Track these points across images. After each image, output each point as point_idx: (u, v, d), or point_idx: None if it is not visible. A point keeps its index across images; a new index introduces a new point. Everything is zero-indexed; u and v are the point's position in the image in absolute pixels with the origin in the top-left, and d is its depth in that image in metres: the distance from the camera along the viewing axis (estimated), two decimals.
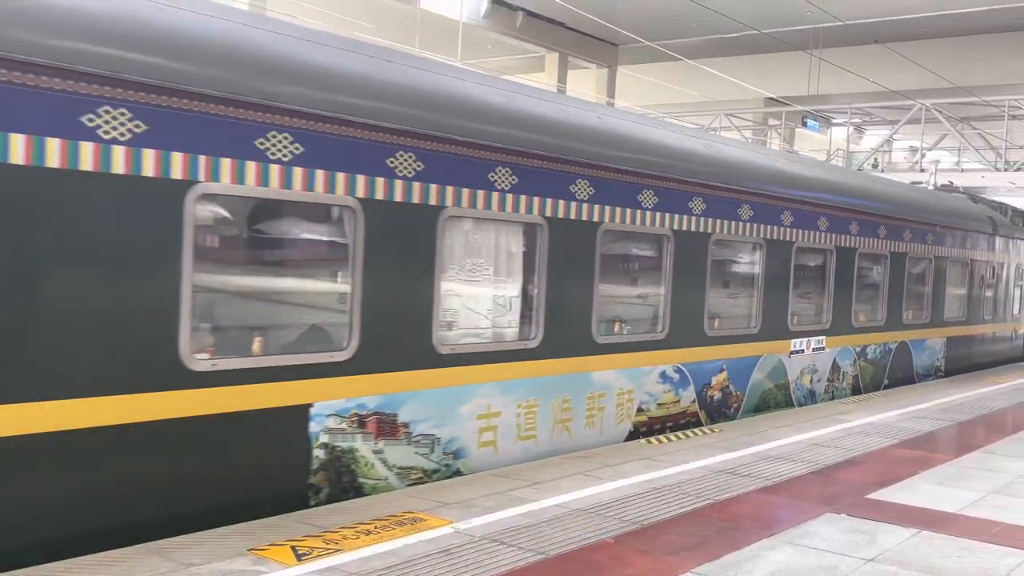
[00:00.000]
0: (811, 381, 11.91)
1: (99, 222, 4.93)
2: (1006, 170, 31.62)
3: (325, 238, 6.43)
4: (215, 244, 5.69)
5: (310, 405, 5.99)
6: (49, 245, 4.76)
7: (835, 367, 12.46)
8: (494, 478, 6.77)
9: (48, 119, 4.68)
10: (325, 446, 6.10)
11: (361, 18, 28.85)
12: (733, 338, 10.18)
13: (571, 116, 8.18)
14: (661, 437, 8.70)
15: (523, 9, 30.83)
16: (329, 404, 6.09)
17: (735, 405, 10.33)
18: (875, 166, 33.63)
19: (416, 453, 6.71)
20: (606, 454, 7.78)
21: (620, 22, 28.66)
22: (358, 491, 6.31)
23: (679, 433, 8.93)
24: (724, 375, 10.05)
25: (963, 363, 16.51)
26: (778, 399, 11.16)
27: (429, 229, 6.65)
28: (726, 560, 5.21)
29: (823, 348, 12.08)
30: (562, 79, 33.37)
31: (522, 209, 7.34)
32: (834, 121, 39.53)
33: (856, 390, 13.04)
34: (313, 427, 6.03)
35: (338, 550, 4.99)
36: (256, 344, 5.88)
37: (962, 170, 34.33)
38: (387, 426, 6.48)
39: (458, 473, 7.02)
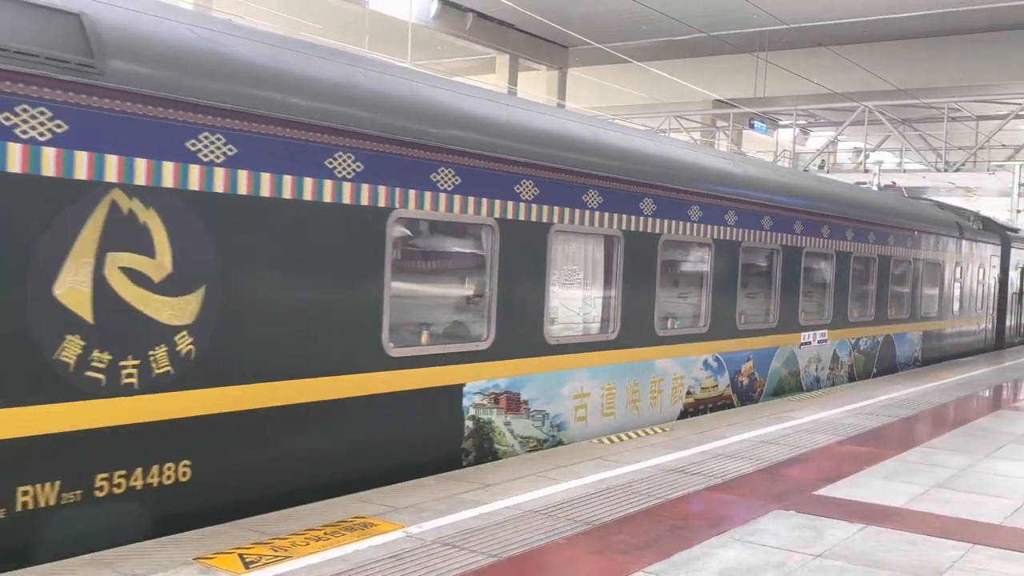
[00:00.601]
0: (816, 369, 13.55)
1: (336, 241, 6.33)
2: (946, 170, 32.35)
3: (471, 251, 7.80)
4: (400, 256, 7.04)
5: (463, 385, 7.44)
6: (308, 260, 6.17)
7: (835, 357, 14.11)
8: (446, 481, 6.74)
9: (306, 166, 6.09)
10: (473, 418, 7.54)
11: (308, 18, 28.60)
12: (757, 332, 11.79)
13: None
14: (612, 437, 8.74)
15: (473, 11, 30.82)
16: (475, 384, 7.55)
17: (759, 389, 11.93)
18: (821, 167, 34.21)
19: (532, 425, 8.17)
20: (558, 455, 7.79)
21: (570, 24, 28.78)
22: (494, 455, 7.73)
23: (631, 433, 8.98)
24: (751, 363, 11.66)
25: (937, 353, 18.30)
26: (791, 385, 12.77)
27: (542, 242, 8.13)
28: (677, 559, 5.24)
29: (826, 340, 13.74)
30: (513, 81, 33.42)
31: (606, 224, 8.87)
32: (780, 123, 40.14)
33: (851, 378, 14.67)
34: (465, 403, 7.47)
35: (287, 557, 4.93)
36: (424, 336, 7.34)
37: (904, 170, 35.07)
38: (513, 403, 7.96)
39: (560, 443, 8.47)
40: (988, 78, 33.32)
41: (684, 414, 10.29)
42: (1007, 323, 23.22)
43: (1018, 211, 31.28)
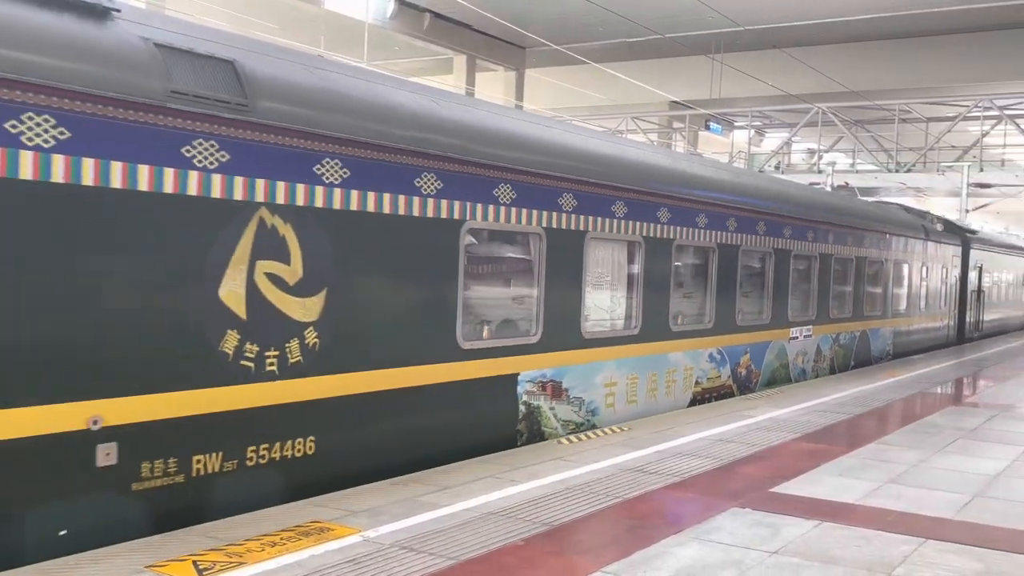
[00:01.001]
0: (803, 361, 14.74)
1: (422, 249, 7.38)
2: (897, 171, 32.91)
3: (523, 256, 8.82)
4: (468, 261, 7.91)
5: (518, 374, 8.45)
6: (402, 266, 7.21)
7: (819, 351, 15.34)
8: (404, 484, 6.70)
9: (400, 184, 7.11)
10: (525, 403, 8.56)
11: (264, 18, 28.32)
12: (753, 327, 12.92)
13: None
14: (572, 437, 8.75)
15: (430, 11, 30.73)
16: (527, 373, 8.56)
17: (755, 380, 13.03)
18: (776, 168, 34.59)
19: (571, 410, 9.22)
20: (515, 457, 7.78)
21: (527, 25, 28.82)
22: (541, 436, 8.72)
23: (590, 433, 9.00)
24: (748, 356, 12.79)
25: (906, 348, 19.63)
26: (782, 376, 13.93)
27: (579, 248, 9.14)
28: (635, 558, 5.26)
29: (811, 336, 14.96)
30: (470, 82, 33.39)
31: (630, 231, 9.91)
32: (736, 124, 40.56)
33: (832, 370, 15.77)
34: (519, 389, 8.48)
35: (241, 563, 4.86)
36: (485, 332, 8.37)
37: (856, 171, 35.59)
38: (557, 390, 8.97)
39: (594, 426, 9.47)
40: (937, 80, 33.97)
41: (693, 402, 11.37)
42: (967, 319, 24.63)
43: (967, 211, 31.93)
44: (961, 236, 24.35)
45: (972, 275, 24.96)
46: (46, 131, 4.97)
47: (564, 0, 27.84)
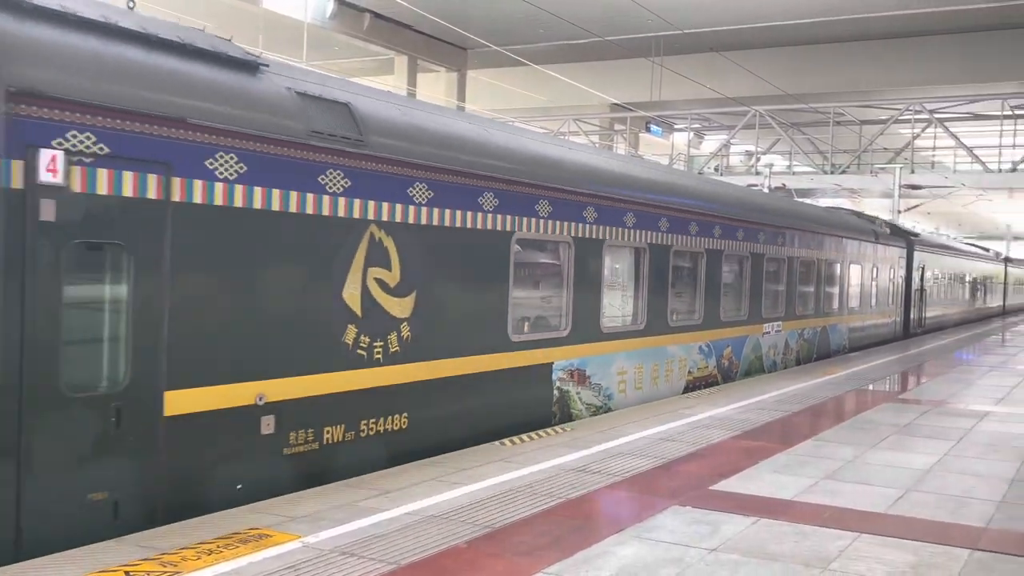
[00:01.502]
0: (774, 354, 16.28)
1: (483, 257, 8.77)
2: (832, 173, 33.58)
3: (555, 262, 10.17)
4: (515, 267, 9.17)
5: (552, 363, 9.81)
6: (469, 272, 8.60)
7: (787, 345, 16.87)
8: (345, 489, 6.63)
9: (468, 202, 8.48)
10: (558, 388, 9.95)
11: (201, 16, 27.83)
12: (734, 324, 14.43)
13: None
14: (515, 438, 8.75)
15: (370, 11, 30.52)
16: (559, 363, 9.95)
17: (735, 370, 14.57)
18: (716, 170, 35.05)
19: (592, 395, 10.58)
20: (458, 459, 7.75)
21: (468, 26, 28.78)
22: (569, 417, 10.08)
23: (532, 434, 9.01)
24: (729, 349, 14.34)
25: (860, 342, 21.26)
26: (756, 367, 15.47)
27: (599, 254, 10.55)
28: (577, 558, 5.27)
29: (780, 331, 16.50)
30: (412, 82, 33.22)
31: (637, 240, 11.43)
32: (676, 126, 41.01)
33: (798, 362, 17.35)
34: (553, 376, 9.85)
35: (176, 572, 4.75)
36: (526, 327, 9.70)
37: (793, 173, 36.22)
38: (582, 377, 10.38)
39: (609, 409, 10.83)
40: (870, 84, 34.76)
41: (686, 389, 12.84)
42: (911, 316, 26.56)
43: (899, 212, 32.72)
44: (906, 239, 26.25)
45: (915, 275, 26.75)
46: (231, 167, 6.28)
47: (505, 1, 27.88)
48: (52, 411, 5.30)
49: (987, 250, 49.08)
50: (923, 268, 27.93)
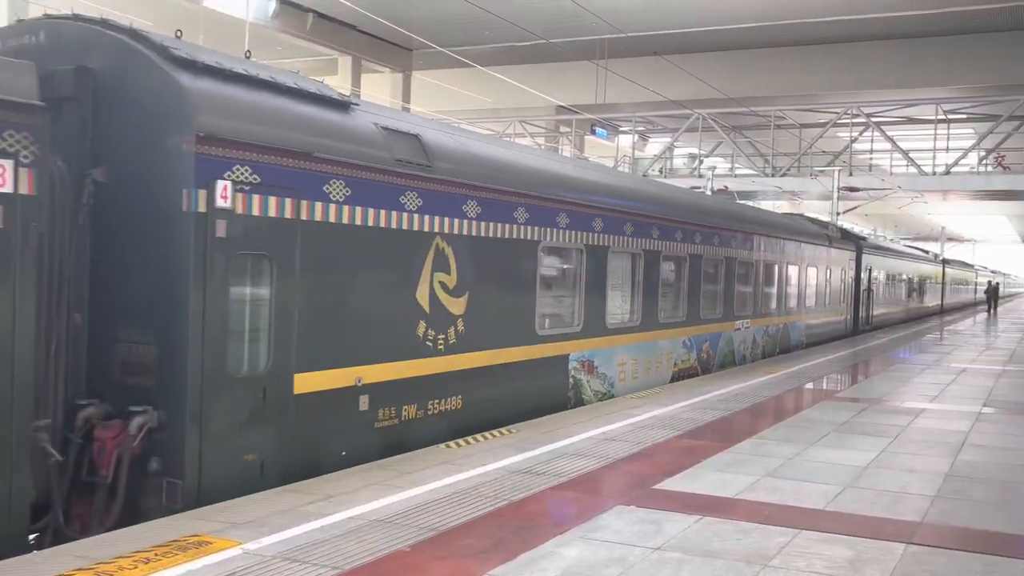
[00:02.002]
0: (744, 348, 17.91)
1: (518, 263, 10.25)
2: (773, 175, 34.10)
3: (570, 266, 11.66)
4: (540, 271, 10.70)
5: (568, 354, 11.36)
6: (507, 276, 10.10)
7: (754, 340, 18.56)
8: (287, 494, 6.55)
9: (505, 215, 10.03)
10: (573, 377, 11.47)
11: (140, 14, 27.29)
12: (711, 320, 16.07)
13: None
14: (460, 441, 8.73)
15: (313, 10, 30.23)
16: (574, 354, 11.49)
17: (712, 363, 16.21)
18: (660, 172, 35.35)
19: (599, 383, 12.17)
20: (404, 462, 7.71)
21: (413, 27, 28.66)
22: (581, 402, 11.62)
23: (479, 436, 9.00)
24: (708, 344, 16.00)
25: (815, 338, 23.16)
26: (730, 360, 17.12)
27: (605, 259, 12.14)
28: (521, 559, 5.27)
29: (749, 327, 18.14)
30: (356, 83, 32.98)
31: (634, 246, 12.98)
32: (621, 129, 41.31)
33: (764, 355, 19.08)
34: (569, 366, 11.38)
35: None
36: (547, 323, 10.99)
37: (735, 175, 36.71)
38: (590, 367, 11.91)
39: (612, 396, 12.37)
40: (810, 88, 35.40)
41: (672, 379, 14.51)
42: (860, 314, 28.56)
43: (838, 213, 33.36)
44: (855, 243, 28.38)
45: (864, 276, 28.85)
46: (340, 191, 7.73)
47: (449, 3, 27.83)
48: (223, 389, 6.69)
49: (927, 252, 51.61)
50: (870, 270, 29.92)
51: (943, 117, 34.02)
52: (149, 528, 5.64)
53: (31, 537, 6.03)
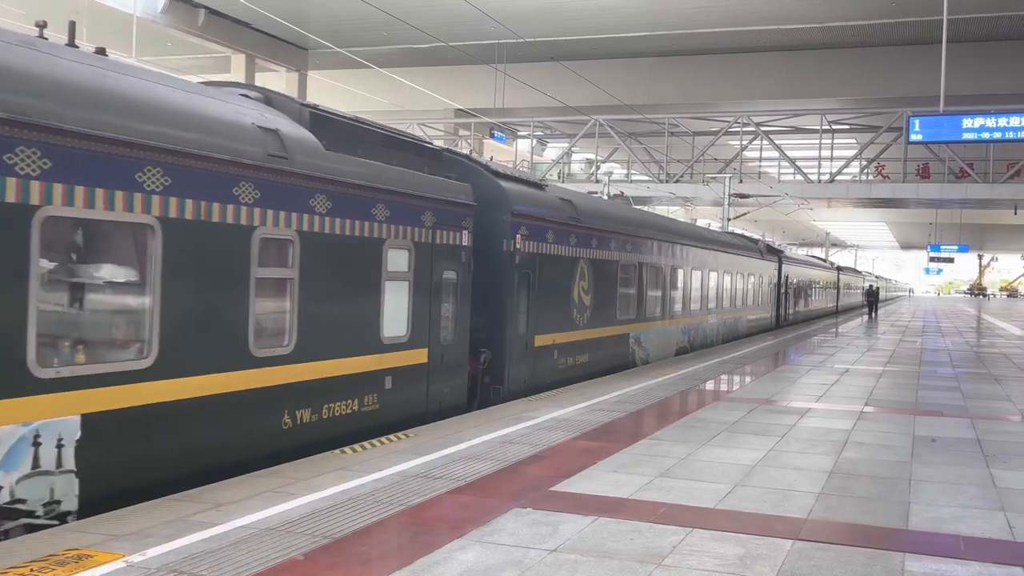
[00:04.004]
0: (712, 335, 24.41)
1: (610, 274, 16.73)
2: (667, 181, 34.77)
3: (632, 277, 17.57)
4: (619, 280, 17.16)
5: (629, 333, 17.56)
6: (601, 279, 16.43)
7: (717, 329, 24.98)
8: (174, 503, 6.32)
9: (564, 239, 14.82)
10: (632, 349, 17.72)
11: (23, 6, 26.04)
12: (696, 314, 22.71)
13: None
14: (356, 446, 8.60)
15: (205, 7, 29.42)
16: (633, 333, 17.78)
17: (695, 344, 22.56)
18: (558, 177, 35.63)
19: (642, 353, 18.26)
20: (296, 469, 7.54)
21: (308, 26, 28.19)
22: (635, 364, 17.69)
23: (374, 441, 8.88)
24: (693, 331, 22.44)
25: (752, 329, 29.59)
26: (703, 343, 23.44)
27: (641, 271, 18.32)
28: (417, 565, 5.21)
29: (714, 320, 24.67)
30: (249, 81, 32.21)
31: (664, 264, 20.00)
32: (519, 133, 41.51)
33: (723, 340, 25.37)
34: (630, 341, 17.69)
35: None
36: (617, 313, 17.05)
37: (631, 181, 37.31)
38: (640, 343, 18.22)
39: (647, 361, 18.42)
40: (702, 97, 36.32)
41: (676, 353, 20.70)
42: (781, 312, 35.59)
43: (729, 219, 34.26)
44: (777, 255, 35.19)
45: (783, 281, 35.73)
46: (553, 235, 13.96)
47: (347, 2, 27.49)
48: (516, 341, 12.82)
49: (825, 261, 61.29)
50: (787, 277, 36.72)
51: (828, 127, 35.26)
52: (24, 542, 5.35)
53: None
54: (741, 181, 34.90)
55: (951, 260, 76.02)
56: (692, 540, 5.91)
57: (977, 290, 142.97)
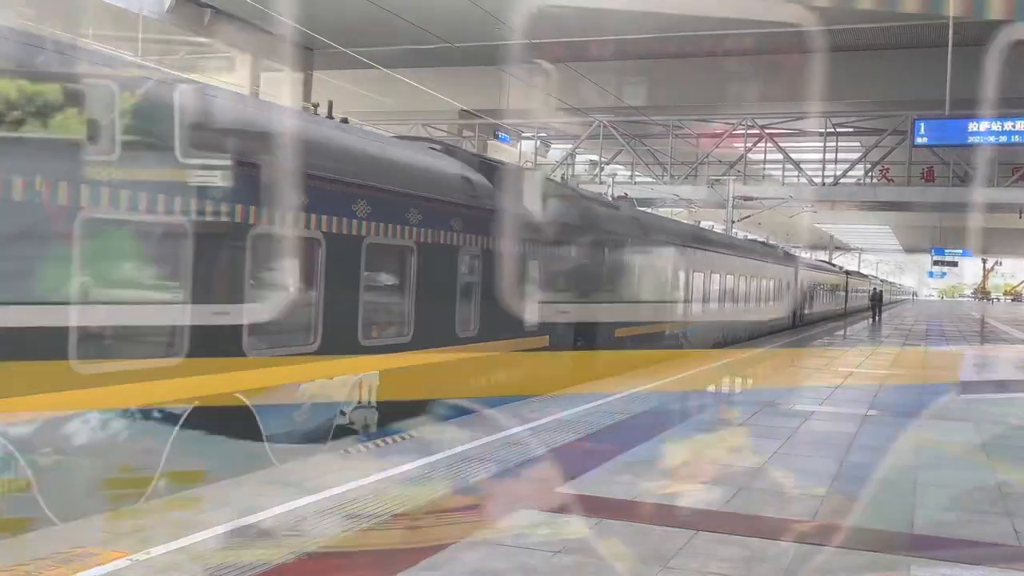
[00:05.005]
0: (742, 333, 27.00)
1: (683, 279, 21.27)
2: (671, 183, 34.73)
3: (669, 279, 21.53)
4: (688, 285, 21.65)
5: (679, 331, 20.99)
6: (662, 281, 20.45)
7: (745, 327, 27.77)
8: (178, 502, 6.31)
9: (663, 250, 20.48)
10: (680, 343, 20.85)
11: (29, 4, 26.05)
12: (728, 312, 25.45)
13: None
14: (360, 446, 8.57)
15: (211, 6, 29.46)
16: (681, 331, 21.21)
17: (693, 341, 22.66)
18: (562, 178, 35.56)
19: (687, 344, 21.37)
20: (303, 469, 7.53)
21: (315, 26, 28.19)
22: (683, 347, 20.87)
23: (379, 441, 8.86)
24: (691, 333, 23.10)
25: (773, 328, 32.31)
26: (701, 343, 23.87)
27: (686, 270, 22.23)
28: (423, 565, 5.19)
29: (753, 319, 28.60)
30: (255, 81, 32.25)
31: (708, 272, 24.34)
32: (524, 134, 41.50)
33: (751, 338, 27.66)
34: (678, 337, 20.96)
35: None
36: (681, 311, 21.46)
37: (635, 182, 37.27)
38: (686, 336, 21.76)
39: (681, 346, 21.20)
40: (707, 100, 36.25)
41: (712, 346, 23.50)
42: (797, 312, 38.02)
43: (734, 222, 34.23)
44: (794, 260, 39.07)
45: (799, 284, 38.43)
46: (638, 245, 18.44)
47: (353, 3, 27.48)
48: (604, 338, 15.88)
49: (834, 265, 66.02)
50: (802, 280, 39.67)
51: (832, 130, 35.21)
52: (29, 539, 5.34)
53: None
54: (745, 183, 34.87)
55: (955, 264, 75.90)
56: (697, 542, 5.89)
57: (982, 294, 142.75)
